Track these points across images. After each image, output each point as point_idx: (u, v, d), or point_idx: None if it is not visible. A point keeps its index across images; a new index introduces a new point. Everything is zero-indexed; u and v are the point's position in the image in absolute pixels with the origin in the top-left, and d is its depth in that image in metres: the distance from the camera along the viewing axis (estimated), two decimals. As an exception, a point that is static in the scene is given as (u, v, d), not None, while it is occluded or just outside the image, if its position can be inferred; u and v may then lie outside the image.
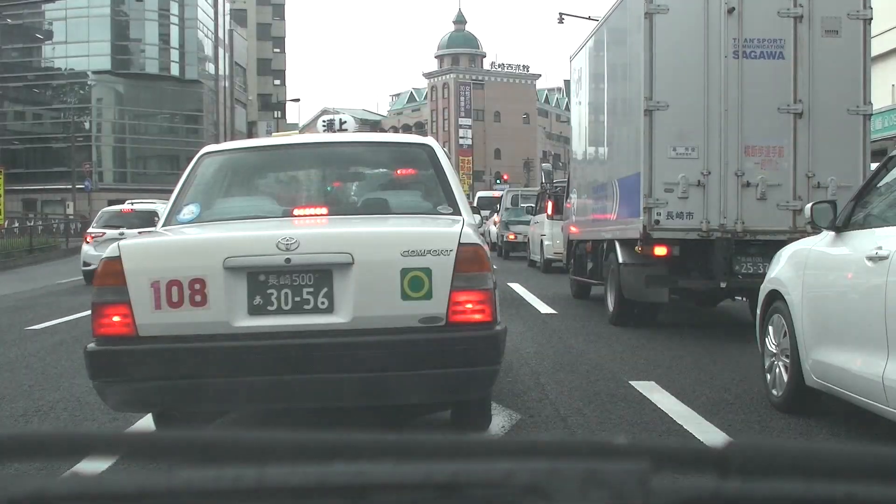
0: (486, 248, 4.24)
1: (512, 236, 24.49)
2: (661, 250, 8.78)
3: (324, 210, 4.99)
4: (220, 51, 64.98)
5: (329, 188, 5.55)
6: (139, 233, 7.23)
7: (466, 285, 4.00)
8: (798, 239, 6.49)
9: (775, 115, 8.64)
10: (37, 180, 56.04)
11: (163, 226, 4.87)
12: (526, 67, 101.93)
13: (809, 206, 5.35)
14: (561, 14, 39.22)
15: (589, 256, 11.72)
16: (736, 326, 9.80)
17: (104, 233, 16.90)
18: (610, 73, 10.94)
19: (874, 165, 5.86)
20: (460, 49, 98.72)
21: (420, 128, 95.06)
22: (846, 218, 5.01)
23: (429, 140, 5.55)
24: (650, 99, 8.69)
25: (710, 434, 4.79)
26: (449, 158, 5.64)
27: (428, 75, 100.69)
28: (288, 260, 3.97)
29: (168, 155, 61.56)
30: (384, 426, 5.08)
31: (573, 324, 10.00)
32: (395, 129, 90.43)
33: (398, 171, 5.70)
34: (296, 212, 5.03)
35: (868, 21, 8.62)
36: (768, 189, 8.62)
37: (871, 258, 4.40)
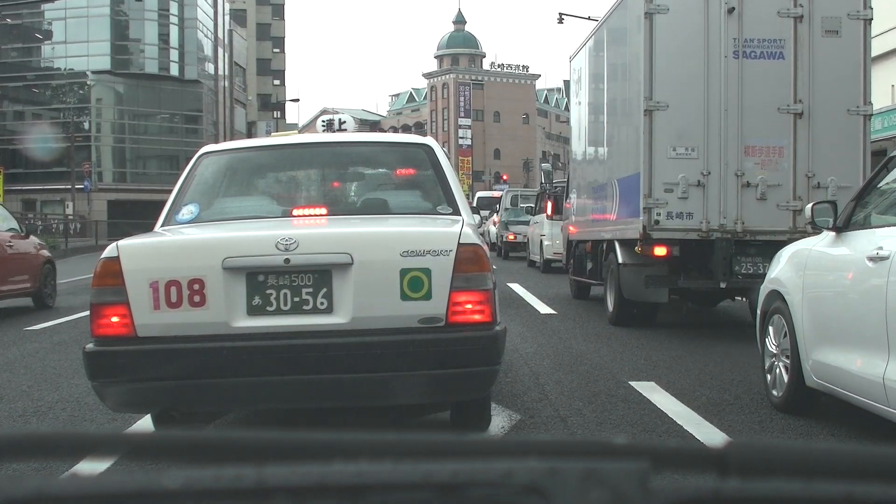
0: (486, 248, 4.23)
1: (511, 236, 24.50)
2: (660, 250, 8.79)
3: (323, 210, 4.98)
4: (220, 51, 64.90)
5: (328, 188, 5.53)
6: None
7: (466, 285, 3.99)
8: (798, 239, 6.49)
9: (775, 115, 8.64)
10: (36, 180, 56.01)
11: (161, 226, 4.85)
12: (525, 67, 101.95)
13: (809, 206, 5.34)
14: (561, 14, 39.22)
15: (588, 256, 11.73)
16: (736, 326, 9.80)
17: None
18: (610, 74, 10.94)
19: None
20: (460, 49, 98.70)
21: (420, 128, 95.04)
22: (846, 218, 5.01)
23: (428, 140, 5.55)
24: (650, 99, 8.69)
25: (710, 434, 4.79)
26: (448, 158, 5.64)
27: (427, 75, 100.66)
28: (287, 260, 3.96)
29: (168, 155, 61.48)
30: (384, 426, 5.08)
31: (573, 324, 10.00)
32: (395, 130, 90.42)
33: (398, 171, 5.69)
34: (295, 212, 5.01)
35: (868, 21, 8.63)
36: (768, 189, 8.62)
37: (871, 258, 4.40)
